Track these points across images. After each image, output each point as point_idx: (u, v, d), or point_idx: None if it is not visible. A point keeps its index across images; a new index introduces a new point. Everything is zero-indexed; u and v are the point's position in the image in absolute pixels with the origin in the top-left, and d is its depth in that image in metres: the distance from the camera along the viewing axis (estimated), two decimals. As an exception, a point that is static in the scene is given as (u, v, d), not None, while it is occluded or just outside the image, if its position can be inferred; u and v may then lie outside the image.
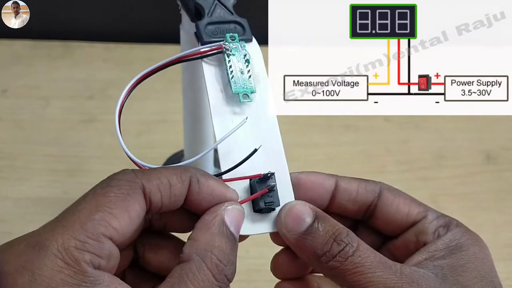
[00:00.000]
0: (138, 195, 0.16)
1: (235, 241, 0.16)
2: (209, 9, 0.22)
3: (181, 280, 0.15)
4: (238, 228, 0.17)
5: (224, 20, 0.22)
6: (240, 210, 0.17)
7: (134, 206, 0.15)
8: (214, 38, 0.21)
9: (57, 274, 0.14)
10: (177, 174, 0.16)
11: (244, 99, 0.20)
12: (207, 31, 0.22)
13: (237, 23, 0.22)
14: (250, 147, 0.18)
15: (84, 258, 0.14)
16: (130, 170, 0.16)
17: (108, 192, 0.15)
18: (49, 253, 0.14)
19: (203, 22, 0.22)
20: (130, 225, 0.15)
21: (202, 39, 0.21)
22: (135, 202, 0.15)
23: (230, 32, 0.22)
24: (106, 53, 0.50)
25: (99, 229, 0.15)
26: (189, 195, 0.16)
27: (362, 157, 0.39)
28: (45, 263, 0.14)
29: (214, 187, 0.17)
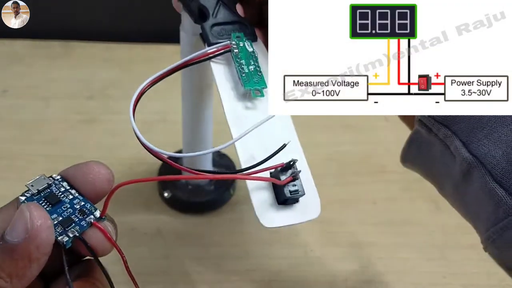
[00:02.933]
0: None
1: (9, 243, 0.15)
2: (213, 10, 0.22)
3: None
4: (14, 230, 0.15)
5: (229, 20, 0.22)
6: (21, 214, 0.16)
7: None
8: (220, 40, 0.22)
9: None
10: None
11: (256, 94, 0.20)
12: (213, 32, 0.22)
13: (242, 23, 0.22)
14: (266, 142, 0.18)
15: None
16: None
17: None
18: None
19: (208, 23, 0.22)
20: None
21: (208, 41, 0.22)
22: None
23: (236, 31, 0.22)
24: (106, 53, 0.50)
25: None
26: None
27: (362, 157, 0.40)
28: None
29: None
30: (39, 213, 0.16)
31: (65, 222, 0.17)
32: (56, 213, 0.17)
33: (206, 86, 0.30)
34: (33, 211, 0.16)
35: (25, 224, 0.15)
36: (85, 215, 0.17)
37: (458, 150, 0.19)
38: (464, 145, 0.19)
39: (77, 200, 0.17)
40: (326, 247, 0.33)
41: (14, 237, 0.15)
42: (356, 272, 0.31)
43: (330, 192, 0.37)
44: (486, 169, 0.18)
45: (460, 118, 0.20)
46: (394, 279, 0.31)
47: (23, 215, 0.16)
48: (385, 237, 0.34)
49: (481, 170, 0.19)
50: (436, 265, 0.32)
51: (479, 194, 0.19)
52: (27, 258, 0.15)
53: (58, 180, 0.18)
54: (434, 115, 0.20)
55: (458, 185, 0.20)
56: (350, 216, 0.35)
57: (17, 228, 0.15)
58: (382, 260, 0.32)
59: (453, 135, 0.20)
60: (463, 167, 0.19)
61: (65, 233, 0.16)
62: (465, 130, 0.19)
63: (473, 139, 0.19)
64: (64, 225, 0.17)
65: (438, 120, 0.20)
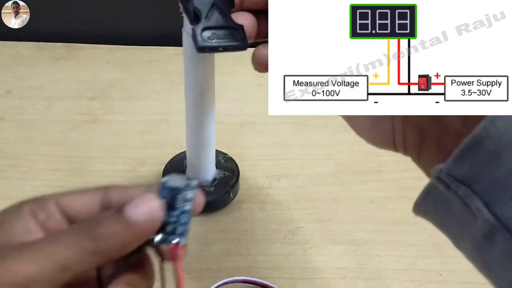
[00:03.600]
0: (97, 193, 0.18)
1: (128, 224, 0.17)
2: (206, 14, 0.22)
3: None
4: (137, 211, 0.17)
5: (220, 25, 0.22)
6: (150, 198, 0.17)
7: (89, 196, 0.18)
8: (209, 43, 0.22)
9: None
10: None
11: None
12: (202, 36, 0.22)
13: (233, 28, 0.22)
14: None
15: (24, 206, 0.18)
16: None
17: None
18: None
19: (199, 26, 0.22)
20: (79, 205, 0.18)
21: (197, 44, 0.22)
22: (92, 194, 0.18)
23: (227, 37, 0.22)
24: (109, 55, 0.50)
25: (51, 196, 0.18)
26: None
27: (361, 157, 0.40)
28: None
29: (138, 190, 0.18)
30: (161, 206, 0.17)
31: (161, 226, 0.17)
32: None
33: (208, 87, 0.31)
34: (157, 201, 0.17)
35: (149, 209, 0.17)
36: (174, 235, 0.18)
37: (480, 211, 0.18)
38: (486, 206, 0.18)
39: (184, 218, 0.18)
40: (325, 245, 0.33)
41: (135, 215, 0.17)
42: (354, 269, 0.32)
43: (329, 191, 0.37)
44: (510, 233, 0.18)
45: (482, 177, 0.18)
46: (392, 277, 0.31)
47: (150, 201, 0.17)
48: (383, 235, 0.34)
49: (506, 235, 0.18)
50: (433, 263, 0.32)
51: (503, 257, 0.18)
52: (132, 238, 0.17)
53: (191, 187, 0.18)
54: (453, 172, 0.19)
55: (479, 244, 0.19)
56: (348, 214, 0.35)
57: (142, 210, 0.17)
58: (379, 258, 0.32)
59: (474, 194, 0.18)
60: (485, 228, 0.18)
61: (155, 234, 0.17)
62: (488, 191, 0.18)
63: (496, 201, 0.18)
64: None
65: (457, 178, 0.19)
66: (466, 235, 0.20)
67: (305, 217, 0.35)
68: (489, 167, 0.18)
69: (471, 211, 0.19)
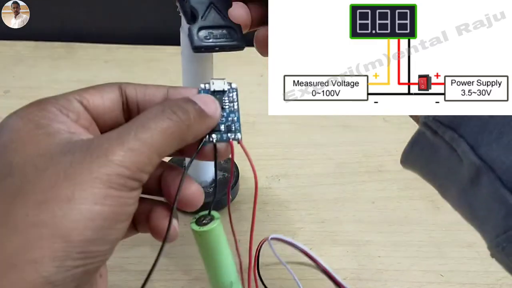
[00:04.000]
0: (113, 87, 0.19)
1: (203, 112, 0.19)
2: (203, 13, 0.22)
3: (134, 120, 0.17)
4: (206, 104, 0.19)
5: (217, 25, 0.22)
6: (208, 95, 0.19)
7: (107, 91, 0.19)
8: (205, 43, 0.22)
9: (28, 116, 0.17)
10: (156, 85, 0.20)
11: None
12: (199, 36, 0.22)
13: (230, 28, 0.22)
14: None
15: (52, 108, 0.17)
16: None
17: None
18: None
19: (195, 26, 0.22)
20: (101, 102, 0.19)
21: (193, 43, 0.22)
22: (109, 89, 0.19)
23: (223, 36, 0.22)
24: (108, 54, 0.50)
25: (71, 94, 0.19)
26: (169, 98, 0.20)
27: (361, 157, 0.40)
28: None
29: (191, 91, 0.20)
30: (219, 106, 0.19)
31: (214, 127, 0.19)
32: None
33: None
34: (217, 101, 0.19)
35: (216, 107, 0.19)
36: (229, 132, 0.20)
37: (466, 153, 0.19)
38: (472, 149, 0.18)
39: (233, 115, 0.20)
40: (325, 246, 0.33)
41: (207, 110, 0.19)
42: (355, 270, 0.32)
43: (329, 191, 0.37)
44: (496, 175, 0.18)
45: (467, 121, 0.19)
46: (392, 278, 0.31)
47: (215, 102, 0.19)
48: (384, 236, 0.34)
49: (491, 176, 0.18)
50: (434, 264, 0.32)
51: (488, 200, 0.18)
52: (204, 130, 0.19)
53: (234, 89, 0.20)
54: (439, 117, 0.19)
55: (465, 189, 0.19)
56: (349, 215, 0.35)
57: (211, 106, 0.19)
58: (380, 258, 0.32)
59: (460, 138, 0.19)
60: (471, 171, 0.19)
61: (209, 134, 0.19)
62: (473, 133, 0.19)
63: (481, 142, 0.18)
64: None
65: (444, 123, 0.19)
66: (453, 181, 0.20)
67: (305, 218, 0.35)
68: None
69: (458, 155, 0.19)
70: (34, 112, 0.17)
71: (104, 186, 0.15)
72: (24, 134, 0.16)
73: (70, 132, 0.17)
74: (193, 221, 0.21)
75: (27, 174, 0.15)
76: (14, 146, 0.16)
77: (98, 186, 0.15)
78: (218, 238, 0.22)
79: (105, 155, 0.16)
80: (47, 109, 0.17)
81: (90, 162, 0.15)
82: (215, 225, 0.21)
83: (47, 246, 0.14)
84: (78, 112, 0.18)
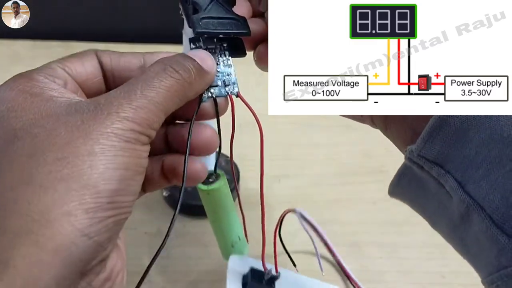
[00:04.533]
0: (91, 54, 0.19)
1: (202, 68, 0.19)
2: (206, 6, 0.22)
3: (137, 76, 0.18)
4: (203, 60, 0.19)
5: (220, 15, 0.22)
6: (203, 51, 0.20)
7: (86, 59, 0.19)
8: (208, 30, 0.21)
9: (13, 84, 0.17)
10: (132, 52, 0.20)
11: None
12: (201, 23, 0.21)
13: (235, 19, 0.22)
14: None
15: (39, 77, 0.17)
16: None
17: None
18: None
19: (198, 15, 0.21)
20: (83, 69, 0.19)
21: (195, 29, 0.21)
22: (88, 57, 0.19)
23: (227, 26, 0.21)
24: (107, 54, 0.50)
25: (53, 63, 0.19)
26: (145, 65, 0.20)
27: (362, 157, 0.40)
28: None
29: (167, 54, 0.19)
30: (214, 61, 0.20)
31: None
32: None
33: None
34: (211, 56, 0.20)
35: (212, 62, 0.19)
36: (226, 86, 0.20)
37: (454, 190, 0.18)
38: (460, 185, 0.18)
39: (229, 70, 0.20)
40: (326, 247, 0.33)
41: (205, 66, 0.19)
42: (356, 271, 0.32)
43: (330, 192, 0.37)
44: (486, 213, 0.17)
45: (452, 157, 0.18)
46: (394, 279, 0.31)
47: (211, 57, 0.20)
48: (385, 237, 0.34)
49: (481, 214, 0.17)
50: (435, 265, 0.32)
51: (479, 238, 0.18)
52: (203, 86, 0.19)
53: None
54: (424, 153, 0.19)
55: (456, 225, 0.19)
56: (350, 216, 0.35)
57: (208, 61, 0.19)
58: (381, 259, 0.32)
59: (447, 173, 0.18)
60: (460, 208, 0.18)
61: (208, 90, 0.20)
62: (460, 169, 0.18)
63: (469, 179, 0.18)
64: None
65: (429, 159, 0.19)
66: (443, 216, 0.20)
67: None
68: (458, 146, 0.18)
69: (446, 190, 0.19)
70: (23, 83, 0.17)
71: (121, 140, 0.16)
72: (21, 102, 0.16)
73: (65, 97, 0.17)
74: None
75: (37, 134, 0.15)
76: (14, 114, 0.16)
77: (114, 139, 0.15)
78: (225, 196, 0.23)
79: (116, 112, 0.16)
80: (35, 78, 0.17)
81: (102, 119, 0.16)
82: (223, 183, 0.22)
83: (77, 199, 0.14)
84: (65, 78, 0.18)
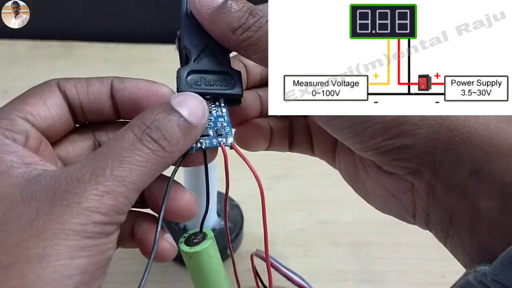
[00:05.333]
0: (53, 88, 0.17)
1: (190, 126, 0.16)
2: (197, 55, 0.19)
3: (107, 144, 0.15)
4: (192, 114, 0.16)
5: (212, 69, 0.19)
6: (193, 95, 0.17)
7: (48, 96, 0.17)
8: (193, 89, 0.18)
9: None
10: (98, 78, 0.18)
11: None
12: (188, 80, 0.18)
13: (227, 74, 0.19)
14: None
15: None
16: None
17: (26, 92, 0.17)
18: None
19: (185, 69, 0.18)
20: (48, 112, 0.17)
21: (178, 88, 0.18)
22: (49, 92, 0.17)
23: (218, 83, 0.19)
24: (106, 53, 0.50)
25: (12, 112, 0.16)
26: (113, 94, 0.17)
27: (362, 157, 0.39)
28: None
29: (138, 82, 0.17)
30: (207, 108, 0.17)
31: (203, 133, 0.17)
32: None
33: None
34: (204, 102, 0.17)
35: (204, 112, 0.17)
36: (219, 136, 0.18)
37: None
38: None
39: (222, 119, 0.18)
40: (326, 247, 0.33)
41: (194, 119, 0.16)
42: (356, 272, 0.32)
43: (330, 192, 0.37)
44: None
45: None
46: (394, 279, 0.31)
47: (202, 103, 0.17)
48: (385, 237, 0.34)
49: None
50: (436, 265, 0.32)
51: None
52: (190, 141, 0.16)
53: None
54: (500, 278, 0.17)
55: None
56: (350, 216, 0.35)
57: (198, 113, 0.16)
58: (382, 259, 0.32)
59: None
60: None
61: (197, 141, 0.17)
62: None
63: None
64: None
65: (505, 285, 0.17)
66: None
67: (306, 219, 0.35)
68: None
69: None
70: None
71: (80, 238, 0.13)
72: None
73: (25, 163, 0.15)
74: (182, 240, 0.19)
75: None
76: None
77: (72, 238, 0.13)
78: (211, 259, 0.19)
79: (77, 202, 0.13)
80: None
81: (60, 212, 0.13)
82: (208, 244, 0.18)
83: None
84: (26, 132, 0.16)
